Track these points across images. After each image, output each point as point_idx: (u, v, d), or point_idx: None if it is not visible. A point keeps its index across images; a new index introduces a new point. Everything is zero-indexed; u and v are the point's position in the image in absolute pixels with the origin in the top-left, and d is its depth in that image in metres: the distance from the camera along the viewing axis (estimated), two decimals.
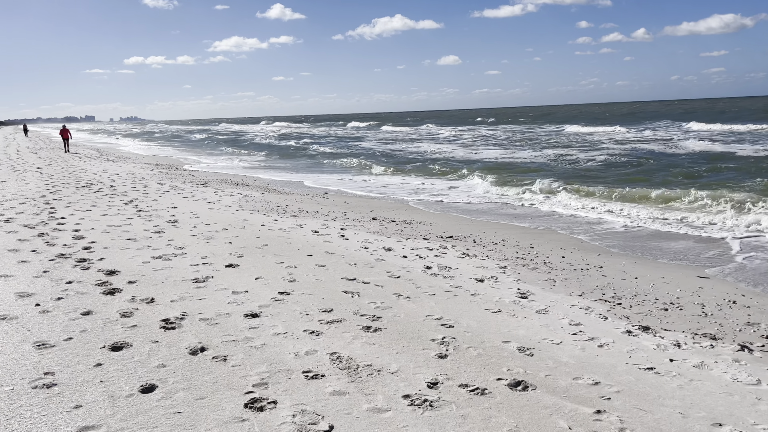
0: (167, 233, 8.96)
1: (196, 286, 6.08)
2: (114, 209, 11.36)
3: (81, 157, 29.58)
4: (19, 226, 9.13)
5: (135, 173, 20.57)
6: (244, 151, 41.93)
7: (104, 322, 4.87)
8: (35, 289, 5.73)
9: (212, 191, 15.17)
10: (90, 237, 8.47)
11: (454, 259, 7.94)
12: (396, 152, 37.26)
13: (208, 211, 11.46)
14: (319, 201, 14.61)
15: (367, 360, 4.23)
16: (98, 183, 16.34)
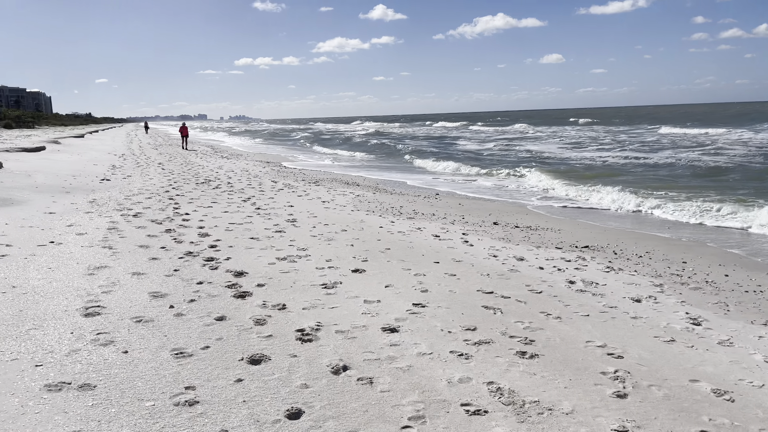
0: (288, 233, 8.79)
1: (326, 292, 5.75)
2: (233, 206, 11.43)
3: (197, 154, 30.84)
4: (147, 222, 9.28)
5: (248, 170, 21.01)
6: (338, 150, 42.26)
7: (239, 330, 4.60)
8: (167, 289, 5.60)
9: (325, 190, 15.08)
10: (214, 235, 8.43)
11: (599, 273, 7.18)
12: (491, 152, 36.22)
13: (324, 211, 11.27)
14: (432, 202, 14.13)
15: (532, 394, 3.67)
16: (216, 180, 16.73)
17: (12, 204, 10.08)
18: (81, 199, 11.41)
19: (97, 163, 20.68)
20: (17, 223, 8.49)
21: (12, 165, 16.16)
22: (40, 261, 6.43)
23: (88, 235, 7.95)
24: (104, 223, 8.98)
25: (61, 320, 4.62)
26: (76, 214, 9.68)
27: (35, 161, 18.96)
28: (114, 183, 14.67)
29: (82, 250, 7.05)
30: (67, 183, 13.77)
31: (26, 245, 7.14)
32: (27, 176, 14.08)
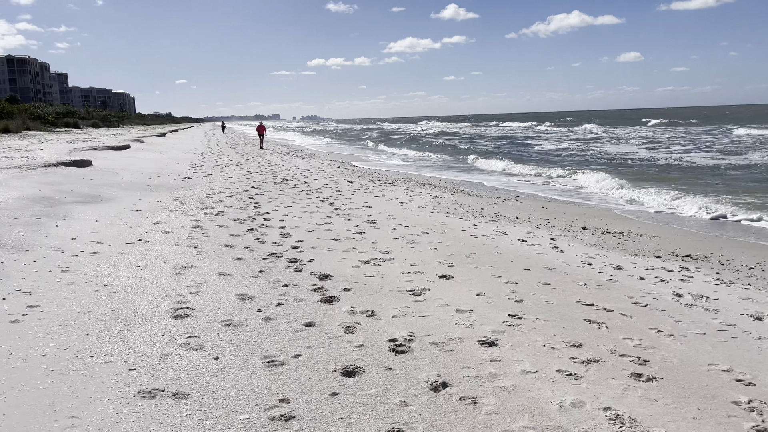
0: (369, 235, 8.60)
1: (415, 299, 5.49)
2: (312, 206, 11.37)
3: (273, 153, 31.34)
4: (230, 221, 9.32)
5: (324, 170, 21.08)
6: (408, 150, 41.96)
7: (329, 337, 4.40)
8: (254, 291, 5.49)
9: (401, 191, 14.86)
10: (296, 235, 8.34)
11: (707, 286, 6.59)
12: (568, 153, 35.03)
13: (403, 212, 11.03)
14: (513, 205, 13.65)
15: (657, 425, 3.27)
16: (293, 179, 16.83)
17: (101, 201, 10.36)
18: (165, 197, 11.64)
19: (178, 162, 21.27)
20: (107, 220, 8.69)
21: (100, 163, 16.79)
22: (129, 259, 6.48)
23: (174, 234, 8.02)
24: (188, 221, 9.07)
25: (152, 321, 4.56)
26: (162, 212, 9.85)
27: (121, 159, 19.67)
28: (195, 181, 14.97)
29: (168, 249, 7.09)
30: (151, 181, 14.15)
31: (116, 242, 7.24)
32: (114, 174, 14.56)
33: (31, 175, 12.07)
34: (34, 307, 4.65)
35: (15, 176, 11.61)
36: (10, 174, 11.79)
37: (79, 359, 3.76)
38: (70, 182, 12.01)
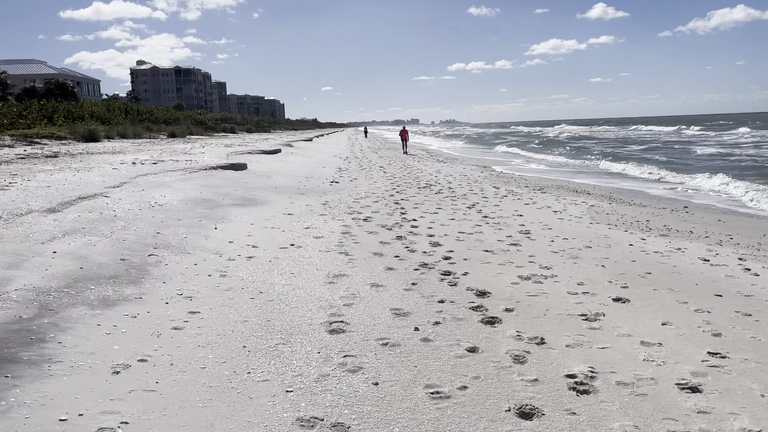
0: (524, 247, 7.98)
1: (588, 325, 4.83)
2: (459, 213, 10.92)
3: (414, 158, 31.34)
4: (378, 227, 9.12)
5: (467, 175, 20.57)
6: (545, 154, 40.03)
7: (496, 367, 3.91)
8: (409, 306, 5.13)
9: (553, 198, 13.97)
10: (446, 244, 7.93)
11: None
12: (737, 158, 31.46)
13: (558, 222, 10.24)
14: (683, 217, 12.27)
15: None
16: (436, 184, 16.50)
17: (256, 204, 10.64)
18: (314, 201, 11.76)
19: (325, 166, 21.79)
20: (261, 223, 8.82)
21: (254, 166, 17.53)
22: (283, 265, 6.41)
23: (325, 239, 7.93)
24: (338, 226, 8.99)
25: (307, 335, 4.34)
26: (312, 216, 9.89)
27: (273, 163, 20.48)
28: (342, 185, 15.11)
29: (320, 255, 6.97)
30: (301, 185, 14.46)
31: (270, 247, 7.26)
32: (267, 177, 15.07)
33: (194, 178, 12.75)
34: (194, 314, 4.62)
35: (180, 178, 12.31)
36: (176, 176, 12.52)
37: (236, 375, 3.59)
38: (228, 185, 12.53)
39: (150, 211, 8.45)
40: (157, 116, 54.40)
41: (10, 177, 10.25)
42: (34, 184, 9.42)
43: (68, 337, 3.87)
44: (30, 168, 12.43)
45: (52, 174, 11.16)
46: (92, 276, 5.18)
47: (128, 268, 5.57)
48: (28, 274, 4.95)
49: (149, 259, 5.99)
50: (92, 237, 6.50)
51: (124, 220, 7.60)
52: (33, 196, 8.17)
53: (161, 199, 9.58)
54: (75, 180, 10.48)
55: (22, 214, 6.92)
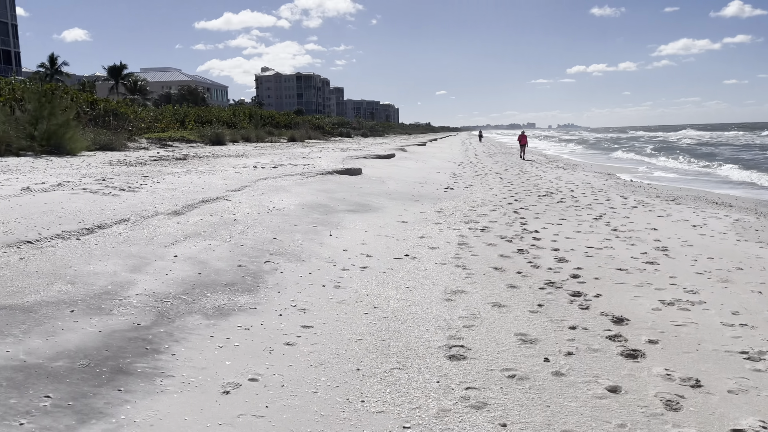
0: (662, 266, 7.17)
1: (752, 366, 4.11)
2: (585, 225, 10.15)
3: (532, 163, 30.25)
4: (497, 238, 8.62)
5: (589, 182, 19.43)
6: (668, 160, 37.01)
7: (645, 414, 3.35)
8: (536, 332, 4.65)
9: (690, 210, 12.73)
10: (573, 260, 7.30)
11: None
12: None
13: (699, 239, 9.22)
14: None
15: None
16: (557, 192, 15.64)
17: (369, 210, 10.48)
18: (429, 208, 11.44)
19: (439, 171, 21.46)
20: (375, 231, 8.61)
21: (369, 171, 17.53)
22: (398, 277, 6.12)
23: (440, 250, 7.57)
24: (454, 236, 8.59)
25: (425, 360, 3.99)
26: (426, 224, 9.56)
27: (387, 168, 20.44)
28: (457, 192, 14.69)
29: (436, 268, 6.61)
30: (414, 190, 14.21)
31: (384, 257, 7.00)
32: (381, 183, 14.97)
33: (310, 182, 12.85)
34: (307, 328, 4.42)
35: (297, 183, 12.45)
36: (294, 181, 12.68)
37: (349, 403, 3.30)
38: (343, 190, 12.51)
39: (268, 216, 8.49)
40: (278, 121, 56.69)
41: (142, 179, 10.78)
42: (163, 186, 9.82)
43: (182, 348, 3.77)
44: (161, 170, 13.08)
45: (180, 176, 11.64)
46: (209, 282, 5.15)
47: (244, 275, 5.50)
48: (149, 279, 4.98)
49: (265, 266, 5.91)
50: (212, 241, 6.55)
51: (243, 224, 7.66)
52: (160, 198, 8.46)
53: (279, 204, 9.65)
54: (200, 183, 10.84)
55: (149, 216, 7.13)
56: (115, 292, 4.56)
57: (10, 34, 67.11)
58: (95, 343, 3.63)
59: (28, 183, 8.93)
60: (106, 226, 6.32)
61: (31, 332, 3.66)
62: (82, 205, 7.30)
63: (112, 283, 4.73)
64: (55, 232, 5.72)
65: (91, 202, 7.59)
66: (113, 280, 4.80)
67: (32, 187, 8.36)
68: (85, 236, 5.86)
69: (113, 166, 14.30)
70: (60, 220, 6.27)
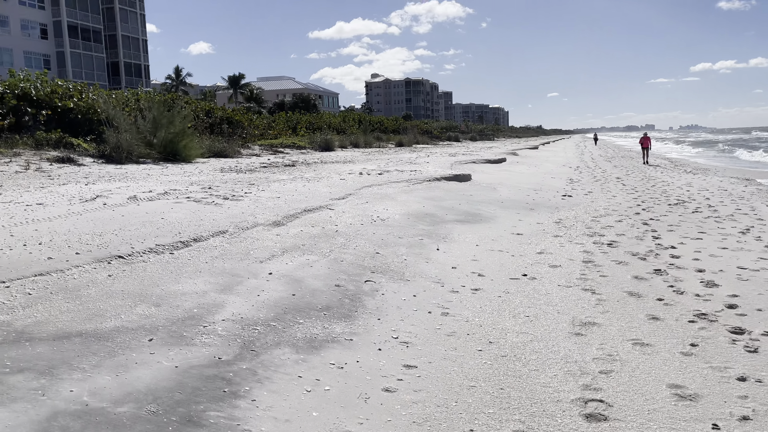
0: None
1: None
2: (731, 240, 8.78)
3: (656, 168, 27.96)
4: (626, 255, 7.56)
5: (726, 189, 17.40)
6: None
7: None
8: (694, 384, 3.71)
9: None
10: (725, 285, 6.15)
11: None
12: None
13: None
14: None
15: None
16: (690, 200, 14.02)
17: (480, 220, 9.69)
18: (546, 219, 10.46)
19: (554, 176, 20.17)
20: (487, 244, 7.83)
21: (478, 177, 16.68)
22: (515, 302, 5.33)
23: (563, 269, 6.67)
24: (577, 252, 7.63)
25: (555, 420, 3.21)
26: (545, 237, 8.63)
27: (497, 173, 19.47)
28: (576, 200, 13.51)
29: (559, 292, 5.74)
30: (529, 198, 13.21)
31: (498, 276, 6.22)
32: (492, 189, 14.09)
33: (417, 190, 12.25)
34: (410, 368, 3.76)
35: (403, 190, 11.89)
36: (399, 188, 12.14)
37: None
38: (451, 197, 11.79)
39: (371, 227, 7.96)
40: (386, 126, 56.90)
41: (248, 186, 10.64)
42: (266, 195, 9.58)
43: (264, 392, 3.23)
44: (268, 177, 13.00)
45: (285, 184, 11.43)
46: (303, 306, 4.63)
47: (342, 298, 4.95)
48: (239, 301, 4.54)
49: (365, 287, 5.33)
50: (310, 255, 6.08)
51: (344, 236, 7.17)
52: (262, 208, 8.17)
53: (383, 213, 9.11)
54: (304, 191, 10.54)
55: (247, 228, 6.80)
56: (201, 316, 4.13)
57: (141, 49, 72.28)
58: (168, 383, 3.18)
59: (136, 191, 8.97)
60: (202, 239, 6.02)
61: (101, 366, 3.27)
62: (182, 215, 7.10)
63: (198, 305, 4.33)
64: (149, 245, 5.46)
65: (192, 212, 7.39)
66: (200, 302, 4.39)
67: (139, 196, 8.34)
68: (179, 250, 5.57)
69: (224, 173, 14.46)
70: (157, 232, 6.04)
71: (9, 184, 9.61)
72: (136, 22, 71.88)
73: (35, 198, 7.91)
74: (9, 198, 7.86)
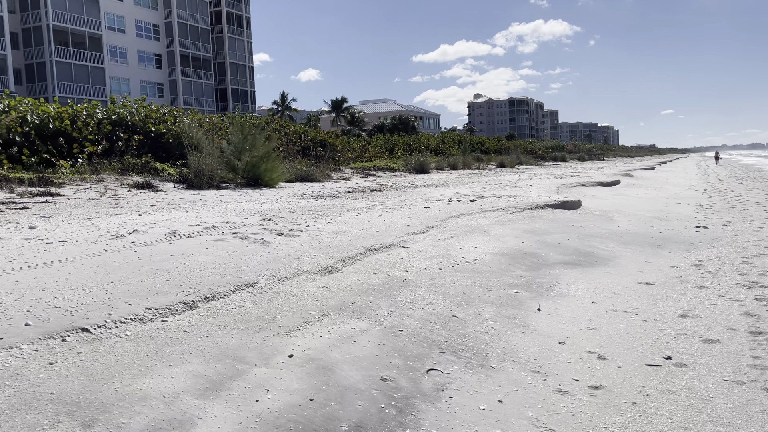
0: None
1: None
2: None
3: None
4: None
5: None
6: None
7: None
8: None
9: None
10: None
11: None
12: None
13: None
14: None
15: None
16: None
17: (596, 263, 7.65)
18: (681, 260, 8.23)
19: (680, 201, 17.41)
20: (606, 301, 5.84)
21: (589, 202, 14.43)
22: (662, 420, 3.38)
23: (723, 347, 4.59)
24: (735, 314, 5.48)
25: None
26: (685, 289, 6.48)
27: (611, 198, 17.03)
28: (714, 233, 11.01)
29: (728, 393, 3.72)
30: (654, 230, 10.89)
31: (628, 359, 4.27)
32: (608, 219, 11.86)
33: (515, 220, 10.34)
34: None
35: (497, 221, 10.03)
36: (493, 218, 10.29)
37: None
38: (557, 230, 9.78)
39: (452, 273, 6.23)
40: (488, 146, 54.79)
41: (316, 217, 9.22)
42: (331, 228, 8.09)
43: None
44: (345, 205, 11.59)
45: (359, 214, 9.92)
46: (319, 425, 2.98)
47: (386, 406, 3.25)
48: (223, 414, 2.96)
49: (425, 381, 3.60)
50: (359, 322, 4.44)
51: (413, 288, 5.48)
52: (317, 248, 6.65)
53: (470, 252, 7.34)
54: (378, 222, 8.96)
55: (287, 278, 5.27)
56: None
57: (247, 76, 74.74)
58: None
59: (183, 224, 7.77)
60: (218, 296, 4.54)
61: None
62: (212, 258, 5.70)
63: (153, 424, 2.79)
64: (135, 310, 4.03)
65: (229, 253, 5.99)
66: (161, 417, 2.86)
67: (179, 232, 7.09)
68: (177, 315, 4.11)
69: (303, 199, 13.25)
70: (163, 286, 4.64)
71: (61, 215, 8.74)
72: (243, 50, 74.51)
73: (63, 233, 6.84)
74: (37, 233, 6.85)
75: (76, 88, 54.75)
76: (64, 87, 54.24)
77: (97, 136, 19.31)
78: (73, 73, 55.23)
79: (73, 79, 55.21)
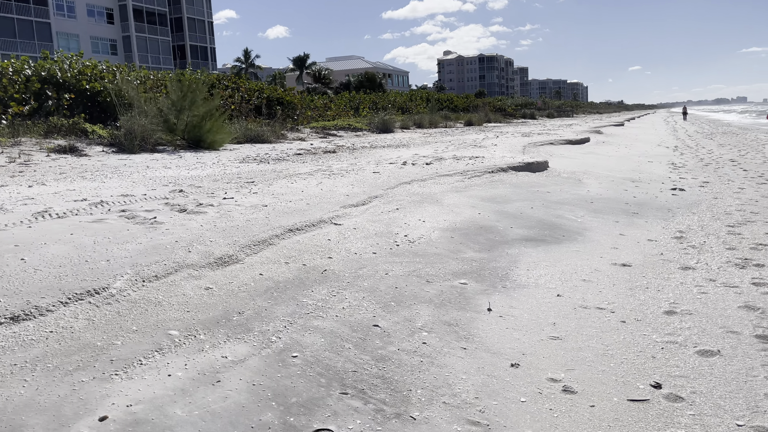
0: None
1: None
2: None
3: None
4: None
5: None
6: None
7: None
8: None
9: None
10: None
11: None
12: None
13: None
14: None
15: None
16: None
17: (562, 238, 6.50)
18: (660, 231, 7.13)
19: (651, 160, 16.41)
20: (576, 293, 4.68)
21: (557, 163, 13.30)
22: None
23: (726, 362, 3.46)
24: (733, 306, 4.36)
25: None
26: (668, 272, 5.36)
27: (581, 157, 15.96)
28: (692, 195, 9.97)
29: None
30: (628, 194, 9.80)
31: (603, 392, 3.12)
32: (576, 182, 10.74)
33: (473, 186, 9.13)
34: None
35: (453, 188, 8.81)
36: (449, 184, 9.06)
37: None
38: (520, 197, 8.61)
39: (387, 258, 5.01)
40: (456, 104, 53.36)
41: (237, 188, 7.88)
42: (253, 201, 6.77)
43: None
44: (283, 170, 10.24)
45: (294, 182, 8.60)
46: None
47: None
48: None
49: None
50: (236, 345, 3.19)
51: (331, 285, 4.25)
52: (220, 229, 5.35)
53: (415, 229, 6.12)
54: (314, 192, 7.67)
55: (158, 277, 3.97)
56: None
57: (207, 32, 71.41)
58: None
59: (66, 199, 6.37)
60: (33, 314, 3.23)
61: None
62: (68, 249, 4.35)
63: None
64: None
65: (97, 240, 4.65)
66: None
67: (53, 210, 5.71)
68: None
69: (244, 163, 11.86)
70: None
71: None
72: (201, 5, 71.02)
73: None
74: None
75: (19, 45, 51.38)
76: (6, 44, 50.87)
77: (24, 95, 17.46)
78: (16, 28, 51.78)
79: (16, 35, 51.79)
